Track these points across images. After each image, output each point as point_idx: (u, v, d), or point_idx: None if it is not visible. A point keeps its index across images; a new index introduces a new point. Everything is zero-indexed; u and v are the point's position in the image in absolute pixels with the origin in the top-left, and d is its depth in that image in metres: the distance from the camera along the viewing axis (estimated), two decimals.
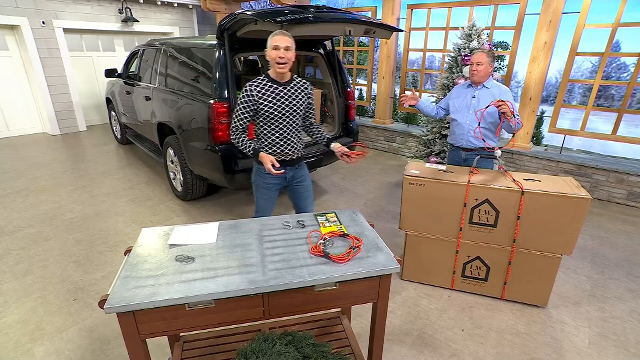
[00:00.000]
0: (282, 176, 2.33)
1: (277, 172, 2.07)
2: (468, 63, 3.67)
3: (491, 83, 2.74)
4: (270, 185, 2.37)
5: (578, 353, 2.15)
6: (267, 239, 1.59)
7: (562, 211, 2.22)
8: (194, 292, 1.24)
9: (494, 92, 2.70)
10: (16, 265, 2.89)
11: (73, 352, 2.09)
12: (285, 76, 2.17)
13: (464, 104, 2.80)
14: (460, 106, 2.82)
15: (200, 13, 8.61)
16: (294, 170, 2.40)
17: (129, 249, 1.52)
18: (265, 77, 2.17)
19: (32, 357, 2.06)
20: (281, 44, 2.02)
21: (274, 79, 2.16)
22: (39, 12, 6.33)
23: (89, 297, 2.54)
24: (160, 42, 4.31)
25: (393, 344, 2.18)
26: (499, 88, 2.72)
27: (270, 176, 2.26)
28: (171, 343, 1.92)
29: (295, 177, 2.42)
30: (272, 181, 2.35)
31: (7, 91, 6.55)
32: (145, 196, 4.23)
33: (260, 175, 2.35)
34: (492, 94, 2.69)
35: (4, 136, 6.66)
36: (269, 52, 2.06)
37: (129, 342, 1.26)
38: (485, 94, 2.72)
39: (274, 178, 2.31)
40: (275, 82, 2.16)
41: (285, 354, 1.27)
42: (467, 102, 2.78)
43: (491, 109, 2.57)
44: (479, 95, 2.74)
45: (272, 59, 2.07)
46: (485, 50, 2.67)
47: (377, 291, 1.45)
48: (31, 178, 4.71)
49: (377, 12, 5.99)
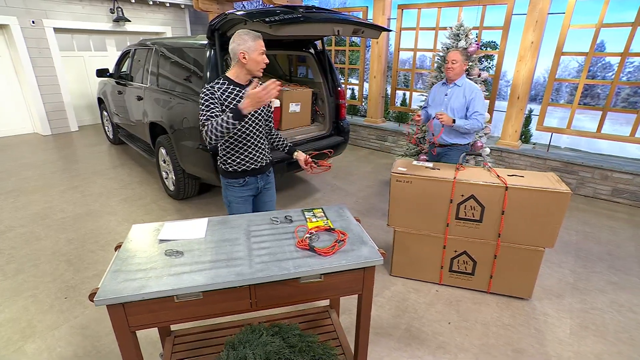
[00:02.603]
0: (254, 186, 2.22)
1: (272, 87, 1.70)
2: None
3: (463, 81, 2.88)
4: (245, 198, 2.22)
5: (559, 343, 2.22)
6: (255, 234, 1.62)
7: (544, 205, 2.29)
8: (182, 285, 1.28)
9: (465, 90, 2.85)
10: (7, 265, 2.89)
11: (64, 349, 2.11)
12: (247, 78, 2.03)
13: (438, 101, 2.98)
14: (435, 103, 3.01)
15: (193, 13, 8.60)
16: (264, 178, 2.27)
17: (120, 244, 1.55)
18: (224, 80, 1.98)
19: (24, 354, 2.08)
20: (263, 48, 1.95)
21: (236, 82, 1.99)
22: (29, 11, 6.29)
23: (81, 295, 2.56)
24: (151, 41, 4.32)
25: (381, 337, 2.23)
26: (469, 86, 2.86)
27: (242, 188, 2.16)
28: (162, 338, 1.95)
29: (265, 185, 2.31)
30: (245, 193, 2.21)
31: None
32: (137, 195, 4.24)
33: (231, 190, 2.19)
34: (462, 92, 2.85)
35: None
36: (254, 56, 1.91)
37: (119, 333, 1.29)
38: (457, 92, 2.87)
39: (246, 190, 2.19)
40: (237, 84, 1.99)
41: (271, 344, 1.31)
42: (441, 100, 2.95)
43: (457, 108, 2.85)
44: (451, 92, 2.90)
45: (258, 63, 1.94)
46: (460, 49, 2.82)
47: (361, 283, 1.50)
48: (22, 178, 4.69)
49: (368, 12, 6.05)
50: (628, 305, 2.56)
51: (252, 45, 1.90)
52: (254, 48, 1.90)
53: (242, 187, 2.18)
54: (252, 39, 1.90)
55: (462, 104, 2.86)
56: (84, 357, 2.06)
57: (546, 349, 2.18)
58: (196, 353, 1.86)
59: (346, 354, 1.83)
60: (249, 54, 1.91)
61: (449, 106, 2.89)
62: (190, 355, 1.85)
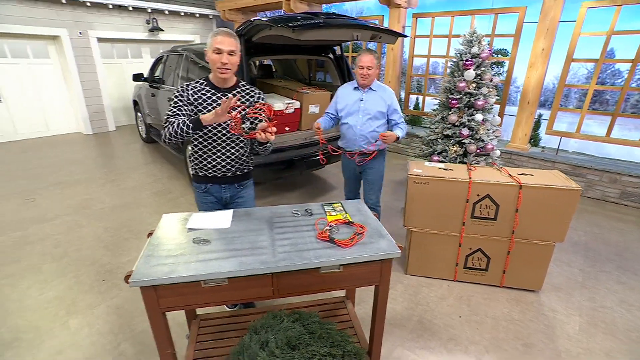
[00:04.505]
0: (217, 195, 1.95)
1: (234, 102, 1.54)
2: (469, 68, 3.63)
3: (376, 85, 2.56)
4: (208, 204, 1.98)
5: (568, 339, 2.11)
6: (277, 225, 1.59)
7: (556, 202, 2.22)
8: (209, 271, 1.26)
9: (381, 94, 2.53)
10: (55, 249, 2.97)
11: (102, 326, 2.15)
12: (229, 81, 1.78)
13: (354, 108, 2.56)
14: (350, 110, 2.58)
15: (220, 22, 8.68)
16: (231, 190, 1.97)
17: (152, 232, 1.55)
18: (204, 81, 1.79)
19: (68, 328, 2.13)
20: (224, 46, 1.62)
21: (213, 84, 1.78)
22: (77, 23, 6.47)
23: (116, 278, 2.59)
24: (182, 48, 4.36)
25: (394, 328, 2.17)
26: (384, 89, 2.56)
27: (204, 194, 1.94)
28: (189, 321, 1.95)
29: (234, 198, 1.99)
30: (207, 200, 1.97)
31: (49, 95, 6.73)
32: (167, 190, 4.29)
33: (196, 193, 1.99)
34: (379, 96, 2.53)
35: (44, 135, 6.84)
36: (209, 54, 1.67)
37: (150, 313, 1.28)
38: (373, 97, 2.53)
39: (208, 196, 1.95)
40: (214, 87, 1.77)
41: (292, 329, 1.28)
42: (357, 106, 2.56)
43: (376, 114, 2.51)
44: (367, 98, 2.54)
45: (213, 62, 1.67)
46: (375, 53, 2.46)
47: (379, 274, 1.45)
48: (67, 172, 4.82)
49: (384, 20, 5.96)
50: (638, 305, 2.42)
51: (209, 42, 1.65)
52: (209, 45, 1.66)
53: (204, 194, 1.95)
54: (212, 36, 1.65)
55: (382, 108, 2.52)
56: (119, 334, 2.09)
57: (555, 344, 2.08)
58: (219, 336, 1.84)
59: (361, 343, 1.78)
60: (207, 53, 1.69)
61: (365, 111, 2.53)
62: (214, 337, 1.84)
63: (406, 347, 2.03)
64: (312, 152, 3.67)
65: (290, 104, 3.63)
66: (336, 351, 1.25)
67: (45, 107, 6.75)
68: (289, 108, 3.63)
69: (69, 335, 2.07)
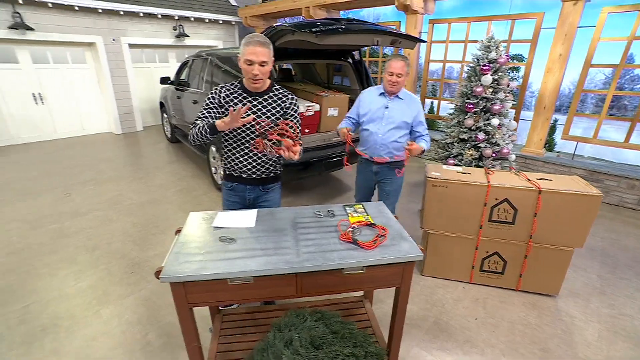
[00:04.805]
0: (242, 195, 1.92)
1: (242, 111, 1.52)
2: (486, 72, 3.53)
3: (404, 93, 2.33)
4: (232, 203, 1.95)
5: (587, 346, 2.01)
6: (301, 226, 1.57)
7: (576, 208, 2.12)
8: (235, 269, 1.25)
9: (408, 103, 2.30)
10: (88, 241, 3.03)
11: (131, 317, 2.17)
12: (261, 87, 1.73)
13: (377, 115, 2.32)
14: (373, 116, 2.34)
15: (242, 28, 8.74)
16: (256, 192, 1.92)
17: (179, 229, 1.55)
18: (238, 84, 1.77)
19: (99, 317, 2.17)
20: (256, 58, 1.57)
21: (245, 87, 1.75)
22: (111, 31, 6.65)
23: (144, 271, 2.62)
24: (206, 53, 4.40)
25: (411, 328, 2.12)
26: (412, 100, 2.32)
27: (230, 193, 1.92)
28: (212, 315, 1.95)
29: (258, 200, 1.95)
30: (232, 199, 1.94)
31: (84, 98, 6.95)
32: (191, 188, 4.34)
33: (224, 191, 1.97)
34: (406, 106, 2.30)
35: (80, 134, 7.05)
36: (241, 63, 1.63)
37: (179, 308, 1.28)
38: (399, 106, 2.30)
39: (233, 195, 1.93)
40: (246, 90, 1.75)
41: (315, 329, 1.25)
42: (381, 113, 2.31)
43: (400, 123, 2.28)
44: (392, 105, 2.30)
45: (245, 72, 1.64)
46: (406, 60, 2.25)
47: (400, 277, 1.41)
48: (99, 170, 4.93)
49: (401, 26, 5.87)
50: None
51: (242, 51, 1.60)
52: (242, 53, 1.61)
53: (230, 192, 1.93)
54: (245, 45, 1.59)
55: (407, 118, 2.29)
56: (147, 325, 2.10)
57: (574, 350, 1.98)
58: (240, 331, 1.84)
59: (380, 342, 1.74)
60: (240, 60, 1.64)
61: (389, 119, 2.29)
62: (236, 332, 1.83)
63: (423, 348, 1.98)
64: (331, 153, 3.64)
65: (310, 107, 3.61)
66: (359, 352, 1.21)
67: (81, 109, 6.96)
68: (309, 110, 3.61)
69: (101, 324, 2.11)
